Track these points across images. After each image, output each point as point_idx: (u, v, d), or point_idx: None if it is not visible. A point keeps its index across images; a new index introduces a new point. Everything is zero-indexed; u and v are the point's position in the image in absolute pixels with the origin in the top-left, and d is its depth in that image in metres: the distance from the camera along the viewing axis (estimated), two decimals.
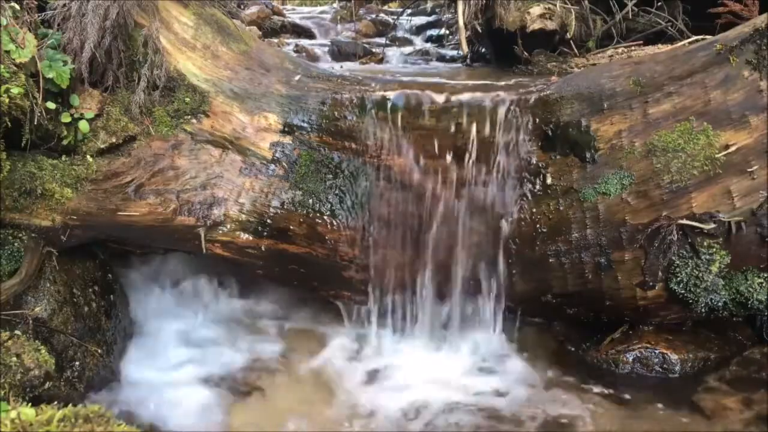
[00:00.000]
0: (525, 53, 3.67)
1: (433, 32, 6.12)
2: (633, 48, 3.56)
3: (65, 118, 2.46)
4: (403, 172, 2.63)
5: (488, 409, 2.48)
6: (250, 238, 2.63)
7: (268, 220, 2.63)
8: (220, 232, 2.61)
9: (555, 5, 3.66)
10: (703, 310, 2.48)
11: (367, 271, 2.69)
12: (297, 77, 2.78)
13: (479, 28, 3.99)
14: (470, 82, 2.86)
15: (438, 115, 2.57)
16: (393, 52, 5.31)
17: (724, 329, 2.78)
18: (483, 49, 4.59)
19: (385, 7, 7.57)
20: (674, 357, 2.61)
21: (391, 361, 2.79)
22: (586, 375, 2.66)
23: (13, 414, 1.26)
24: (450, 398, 2.54)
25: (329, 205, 2.63)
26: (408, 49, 5.47)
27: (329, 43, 5.82)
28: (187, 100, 2.62)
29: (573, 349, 2.82)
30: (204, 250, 2.62)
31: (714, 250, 2.39)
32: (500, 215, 2.57)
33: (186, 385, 2.62)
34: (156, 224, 2.57)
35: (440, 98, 2.57)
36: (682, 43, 2.96)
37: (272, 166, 2.66)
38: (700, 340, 2.70)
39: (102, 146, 2.52)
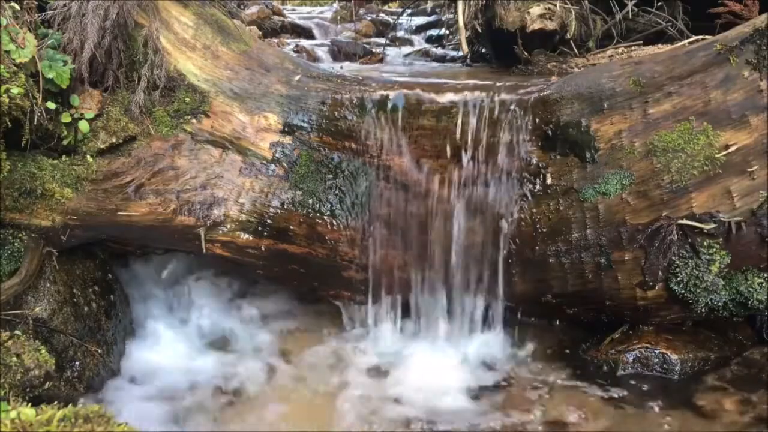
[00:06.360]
0: (525, 53, 3.67)
1: (433, 32, 6.12)
2: (633, 48, 3.55)
3: (65, 118, 2.46)
4: (403, 172, 2.63)
5: (488, 408, 2.48)
6: (250, 238, 2.63)
7: (268, 220, 2.63)
8: (220, 232, 2.61)
9: (555, 5, 3.66)
10: (703, 310, 2.48)
11: (367, 271, 2.69)
12: (297, 77, 2.78)
13: (479, 28, 3.99)
14: (470, 82, 2.86)
15: (438, 115, 2.57)
16: (393, 52, 5.31)
17: (724, 329, 2.78)
18: (483, 49, 4.59)
19: (385, 7, 7.58)
20: (674, 357, 2.61)
21: (390, 360, 2.78)
22: (586, 375, 2.66)
23: (13, 414, 1.27)
24: (449, 398, 2.54)
25: (329, 205, 2.64)
26: (408, 49, 5.48)
27: (329, 43, 5.82)
28: (187, 100, 2.62)
29: (573, 349, 2.82)
30: (204, 250, 2.62)
31: (714, 250, 2.39)
32: (500, 215, 2.57)
33: (186, 384, 2.62)
34: (156, 224, 2.57)
35: (440, 98, 2.57)
36: (682, 43, 2.96)
37: (272, 166, 2.66)
38: (700, 340, 2.70)
39: (102, 146, 2.52)
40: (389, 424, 2.41)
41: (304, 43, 5.90)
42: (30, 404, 1.38)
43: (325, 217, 2.63)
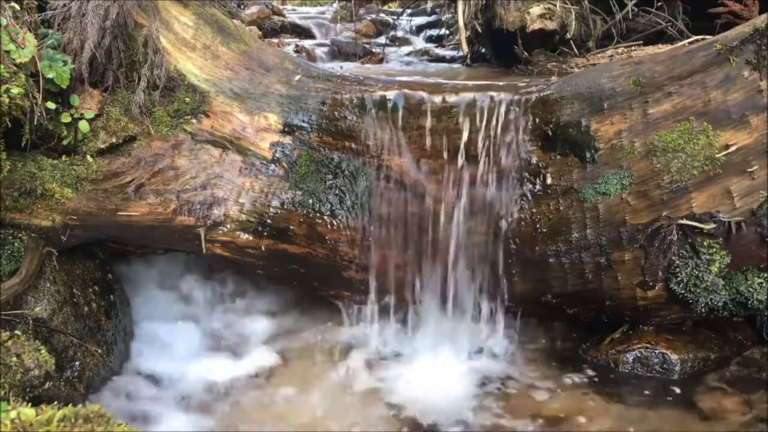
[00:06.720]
0: (525, 53, 3.67)
1: (433, 32, 6.13)
2: (633, 48, 3.56)
3: (65, 118, 2.46)
4: (402, 172, 2.63)
5: (488, 409, 2.48)
6: (250, 238, 2.63)
7: (268, 220, 2.63)
8: (220, 232, 2.61)
9: (555, 5, 3.66)
10: (703, 310, 2.48)
11: (367, 271, 2.69)
12: (297, 77, 2.78)
13: (479, 28, 3.99)
14: (470, 83, 2.86)
15: (438, 115, 2.57)
16: (393, 52, 5.32)
17: (724, 329, 2.78)
18: (483, 49, 4.59)
19: (385, 7, 7.58)
20: (674, 357, 2.61)
21: (390, 360, 2.79)
22: (586, 375, 2.66)
23: (13, 414, 1.27)
24: (449, 398, 2.54)
25: (329, 205, 2.64)
26: (408, 49, 5.48)
27: (329, 43, 5.82)
28: (187, 100, 2.62)
29: (573, 349, 2.82)
30: (204, 250, 2.62)
31: (714, 250, 2.39)
32: (500, 215, 2.57)
33: (186, 384, 2.62)
34: (156, 224, 2.57)
35: (440, 98, 2.57)
36: (682, 43, 2.96)
37: (272, 166, 2.66)
38: (700, 340, 2.70)
39: (102, 146, 2.52)
40: (390, 423, 2.41)
41: (304, 43, 5.90)
42: (30, 404, 1.38)
43: (325, 217, 2.63)
